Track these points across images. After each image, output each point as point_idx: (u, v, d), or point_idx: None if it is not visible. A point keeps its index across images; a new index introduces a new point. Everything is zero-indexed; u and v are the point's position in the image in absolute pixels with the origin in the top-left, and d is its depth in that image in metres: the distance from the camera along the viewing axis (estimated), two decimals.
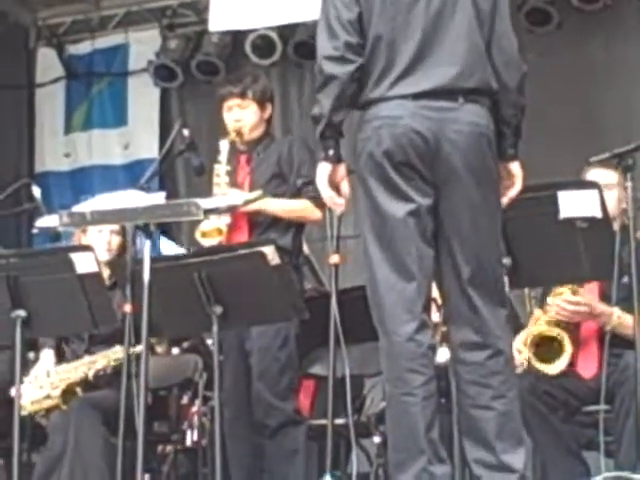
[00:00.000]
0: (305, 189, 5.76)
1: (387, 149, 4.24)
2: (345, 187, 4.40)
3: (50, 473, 5.70)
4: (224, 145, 6.17)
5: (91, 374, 6.05)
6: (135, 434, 4.94)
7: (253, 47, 10.35)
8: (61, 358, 6.28)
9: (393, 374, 4.22)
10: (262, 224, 5.94)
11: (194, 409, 6.56)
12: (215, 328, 5.16)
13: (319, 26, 4.39)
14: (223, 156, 6.13)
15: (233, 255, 5.20)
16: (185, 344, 6.81)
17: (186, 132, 6.01)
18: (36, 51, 11.68)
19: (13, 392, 5.53)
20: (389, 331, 4.24)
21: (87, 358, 6.12)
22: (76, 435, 5.65)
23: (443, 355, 4.51)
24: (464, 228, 4.27)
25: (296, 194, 5.94)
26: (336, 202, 4.41)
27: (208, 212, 4.91)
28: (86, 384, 6.05)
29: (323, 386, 6.12)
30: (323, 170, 4.36)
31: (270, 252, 5.13)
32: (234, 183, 6.04)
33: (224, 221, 5.86)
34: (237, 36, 10.30)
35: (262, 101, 6.22)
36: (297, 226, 6.04)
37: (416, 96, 4.24)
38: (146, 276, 4.90)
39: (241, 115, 6.16)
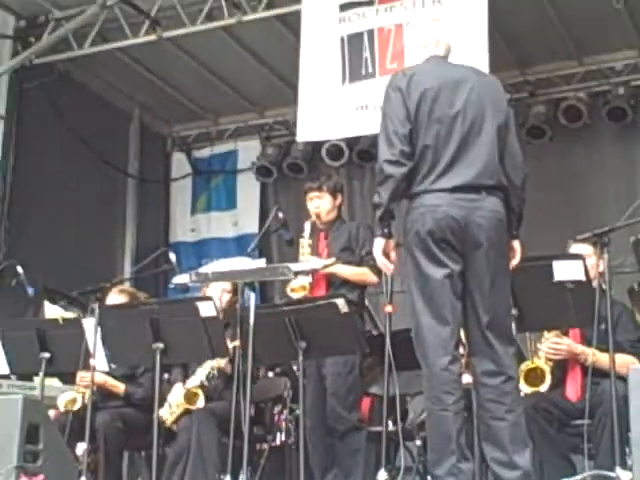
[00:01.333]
0: (366, 259, 5.72)
1: (430, 229, 4.27)
2: (394, 256, 4.43)
3: (177, 463, 5.68)
4: (307, 225, 6.17)
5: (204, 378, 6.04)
6: (241, 435, 4.96)
7: (327, 153, 10.42)
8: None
9: (432, 394, 4.21)
10: (335, 283, 5.92)
11: (282, 417, 6.53)
12: (300, 358, 5.14)
13: (380, 137, 4.43)
14: (306, 233, 6.13)
15: (314, 305, 5.19)
16: (277, 369, 6.79)
17: (281, 214, 6.04)
18: (171, 155, 11.83)
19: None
20: (429, 363, 4.24)
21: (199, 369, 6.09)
22: (198, 435, 5.63)
23: (466, 379, 4.46)
24: (484, 287, 4.29)
25: (360, 263, 5.92)
26: (388, 267, 4.45)
27: (296, 273, 4.93)
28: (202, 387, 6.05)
29: (379, 402, 6.08)
30: (379, 244, 4.39)
31: (341, 303, 5.11)
32: (315, 253, 6.04)
33: (307, 280, 5.86)
34: (316, 145, 10.36)
35: (334, 192, 6.20)
36: (361, 285, 6.03)
37: (451, 190, 4.29)
38: (251, 319, 4.93)
39: (319, 203, 6.16)
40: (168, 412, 6.02)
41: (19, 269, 6.23)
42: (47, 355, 5.78)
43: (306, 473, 5.12)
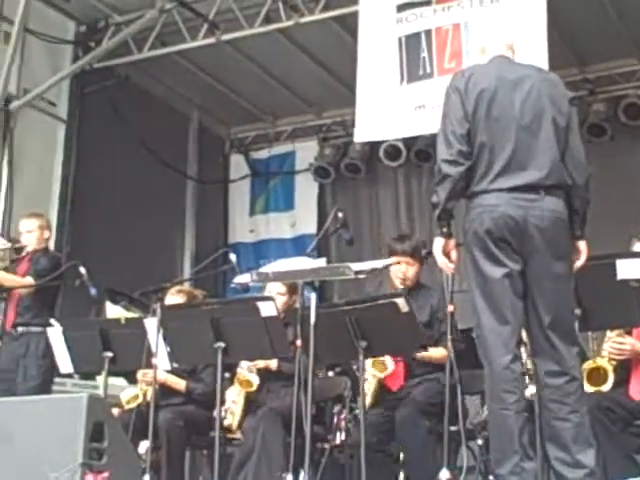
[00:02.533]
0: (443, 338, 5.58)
1: (488, 228, 4.24)
2: (454, 255, 4.40)
3: (244, 462, 5.69)
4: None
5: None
6: (303, 434, 4.96)
7: (385, 153, 10.40)
8: None
9: (494, 393, 4.18)
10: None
11: (342, 416, 6.51)
12: (361, 357, 5.11)
13: (438, 137, 4.41)
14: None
15: (374, 304, 5.16)
16: (337, 369, 6.78)
17: (340, 214, 5.98)
18: (230, 156, 11.91)
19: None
20: (491, 362, 4.20)
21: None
22: (263, 435, 5.63)
23: (529, 391, 4.45)
24: (546, 289, 4.25)
25: (438, 339, 5.79)
26: (448, 266, 4.42)
27: (357, 272, 4.90)
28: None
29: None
30: (438, 243, 4.37)
31: (401, 302, 5.09)
32: None
33: None
34: (374, 145, 10.35)
35: (422, 259, 6.01)
36: None
37: (509, 190, 4.25)
38: (312, 319, 4.92)
39: (406, 269, 6.01)
40: (230, 416, 6.03)
41: (82, 270, 6.29)
42: (110, 354, 5.84)
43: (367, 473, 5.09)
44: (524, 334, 4.40)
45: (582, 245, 4.41)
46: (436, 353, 5.65)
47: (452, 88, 4.42)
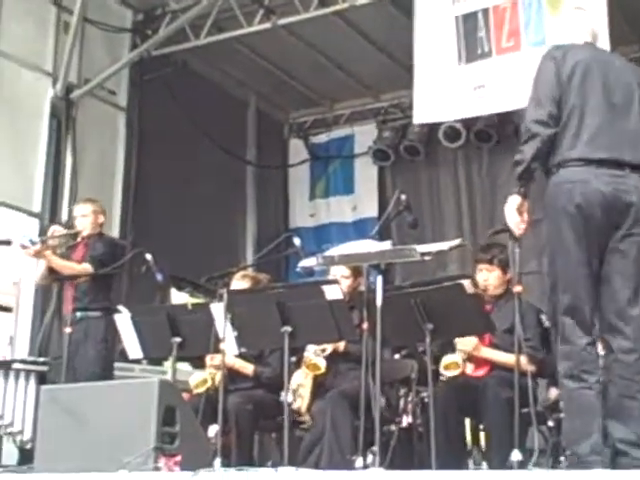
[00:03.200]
0: (526, 344, 5.44)
1: (578, 204, 4.23)
2: (526, 217, 4.39)
3: (314, 445, 5.71)
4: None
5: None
6: (371, 417, 4.96)
7: (444, 134, 10.35)
8: None
9: (573, 373, 4.17)
10: None
11: (409, 399, 6.50)
12: (428, 340, 5.10)
13: (529, 101, 4.45)
14: None
15: (440, 286, 5.15)
16: (403, 352, 6.77)
17: (403, 197, 5.96)
18: (289, 141, 11.94)
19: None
20: (570, 342, 4.19)
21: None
22: (332, 417, 5.65)
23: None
24: (627, 265, 4.23)
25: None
26: (519, 227, 4.41)
27: (423, 254, 4.90)
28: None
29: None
30: (514, 200, 4.37)
31: (467, 284, 5.08)
32: None
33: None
34: (432, 127, 10.29)
35: (505, 267, 5.92)
36: None
37: (598, 164, 4.26)
38: (379, 301, 4.92)
39: (487, 276, 5.97)
40: (299, 399, 6.07)
41: (148, 256, 6.35)
42: (178, 339, 5.88)
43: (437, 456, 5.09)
44: None
45: None
46: (504, 357, 5.62)
47: (548, 57, 4.49)
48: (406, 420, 6.42)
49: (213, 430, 5.68)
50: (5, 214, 9.40)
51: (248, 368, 6.28)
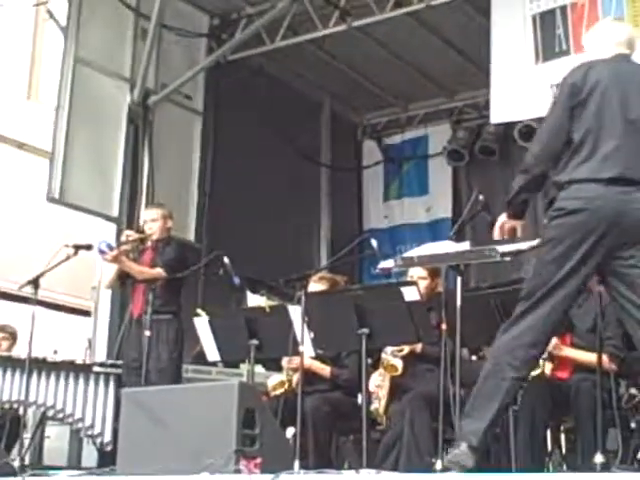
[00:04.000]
0: (607, 343, 5.35)
1: (583, 221, 4.17)
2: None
3: (392, 447, 5.68)
4: None
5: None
6: (450, 419, 4.91)
7: (520, 134, 10.22)
8: None
9: None
10: None
11: None
12: None
13: (542, 124, 4.47)
14: None
15: (521, 287, 5.06)
16: (481, 352, 6.70)
17: (481, 197, 5.91)
18: (362, 143, 11.92)
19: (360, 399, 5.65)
20: None
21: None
22: (411, 419, 5.61)
23: None
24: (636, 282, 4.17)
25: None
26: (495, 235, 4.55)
27: (503, 255, 4.83)
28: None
29: None
30: (501, 218, 4.56)
31: None
32: None
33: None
34: (508, 127, 10.18)
35: None
36: None
37: (608, 182, 4.18)
38: (458, 302, 4.88)
39: None
40: (376, 401, 6.05)
41: (226, 260, 6.38)
42: (256, 342, 5.90)
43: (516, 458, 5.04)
44: None
45: None
46: (585, 356, 5.52)
47: (568, 81, 4.39)
48: None
49: (290, 432, 5.68)
50: (85, 219, 9.58)
51: (325, 370, 6.27)
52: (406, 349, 6.03)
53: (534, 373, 5.61)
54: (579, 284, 4.24)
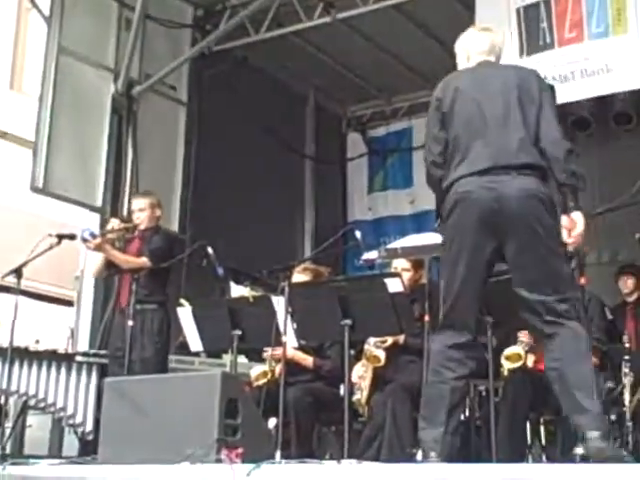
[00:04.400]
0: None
1: (464, 216, 4.38)
2: None
3: (373, 438, 5.70)
4: None
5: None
6: None
7: None
8: None
9: None
10: None
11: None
12: (489, 333, 5.07)
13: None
14: None
15: (501, 279, 4.99)
16: None
17: None
18: (347, 135, 11.93)
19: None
20: None
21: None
22: (392, 410, 5.63)
23: None
24: (525, 267, 4.34)
25: None
26: None
27: None
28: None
29: None
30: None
31: None
32: None
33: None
34: None
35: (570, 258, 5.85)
36: None
37: (480, 173, 4.38)
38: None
39: None
40: (358, 392, 6.07)
41: (210, 250, 6.37)
42: (239, 332, 5.90)
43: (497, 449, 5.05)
44: None
45: (577, 216, 4.40)
46: None
47: (434, 95, 4.67)
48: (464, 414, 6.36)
49: (273, 423, 5.69)
50: (69, 209, 9.56)
51: (308, 360, 6.28)
52: (389, 340, 6.05)
53: (516, 365, 5.64)
54: (482, 274, 4.41)
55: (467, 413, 6.31)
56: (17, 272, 6.34)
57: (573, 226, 4.38)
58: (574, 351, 4.25)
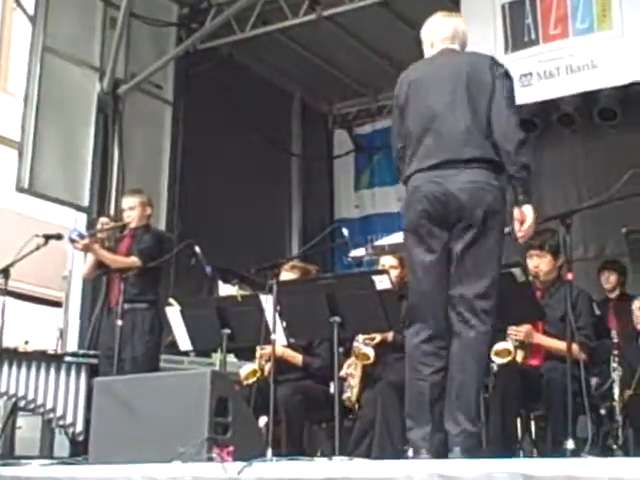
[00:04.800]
0: (579, 334, 5.35)
1: (415, 211, 4.47)
2: None
3: (365, 434, 5.71)
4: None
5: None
6: None
7: None
8: None
9: None
10: None
11: None
12: None
13: None
14: None
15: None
16: None
17: None
18: (333, 132, 11.92)
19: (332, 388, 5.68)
20: None
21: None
22: (382, 407, 5.63)
23: None
24: (466, 260, 4.40)
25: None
26: None
27: None
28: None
29: None
30: None
31: (518, 272, 5.08)
32: None
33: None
34: None
35: (556, 253, 5.84)
36: None
37: (429, 169, 4.44)
38: None
39: (538, 262, 5.84)
40: (348, 389, 6.08)
41: (197, 249, 6.37)
42: (228, 331, 5.91)
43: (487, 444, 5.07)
44: None
45: (527, 209, 4.42)
46: (557, 345, 5.54)
47: (395, 89, 4.76)
48: None
49: (263, 421, 5.69)
50: (56, 209, 9.54)
51: (297, 358, 6.29)
52: (378, 337, 6.06)
53: (505, 360, 5.66)
54: (441, 265, 4.45)
55: None
56: (4, 273, 6.32)
57: (523, 219, 4.40)
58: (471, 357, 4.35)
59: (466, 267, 4.38)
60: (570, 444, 4.50)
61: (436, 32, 4.81)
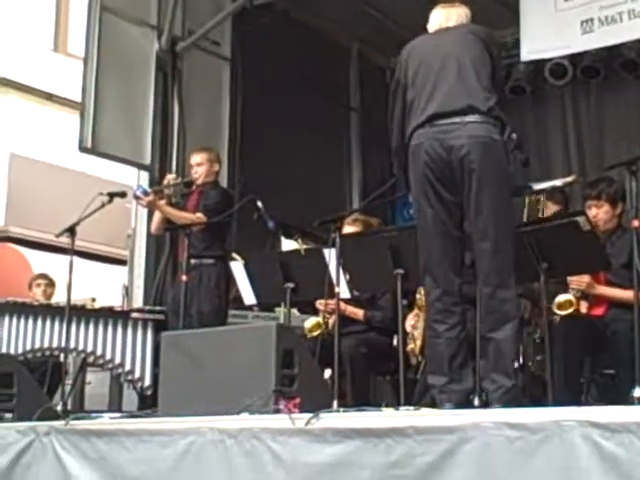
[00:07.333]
0: None
1: (420, 170, 4.58)
2: None
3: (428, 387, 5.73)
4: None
5: None
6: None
7: (550, 72, 10.09)
8: None
9: None
10: None
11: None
12: (542, 278, 5.06)
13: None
14: None
15: (556, 224, 5.07)
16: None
17: (514, 135, 5.73)
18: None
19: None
20: None
21: None
22: None
23: None
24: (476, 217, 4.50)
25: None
26: None
27: (536, 192, 4.83)
28: None
29: None
30: None
31: (582, 221, 5.00)
32: None
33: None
34: (538, 65, 10.03)
35: (614, 201, 5.76)
36: None
37: (429, 125, 4.57)
38: None
39: (596, 212, 5.72)
40: (412, 342, 6.08)
41: (259, 204, 6.40)
42: (291, 285, 5.94)
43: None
44: None
45: None
46: (620, 294, 5.48)
47: (397, 64, 5.01)
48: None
49: (328, 374, 5.73)
50: (118, 168, 9.63)
51: (359, 314, 6.30)
52: None
53: (569, 311, 5.61)
54: (447, 225, 4.56)
55: (521, 360, 6.32)
56: (70, 231, 6.38)
57: None
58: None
59: (482, 224, 4.49)
60: (637, 392, 4.47)
61: (437, 21, 5.08)
